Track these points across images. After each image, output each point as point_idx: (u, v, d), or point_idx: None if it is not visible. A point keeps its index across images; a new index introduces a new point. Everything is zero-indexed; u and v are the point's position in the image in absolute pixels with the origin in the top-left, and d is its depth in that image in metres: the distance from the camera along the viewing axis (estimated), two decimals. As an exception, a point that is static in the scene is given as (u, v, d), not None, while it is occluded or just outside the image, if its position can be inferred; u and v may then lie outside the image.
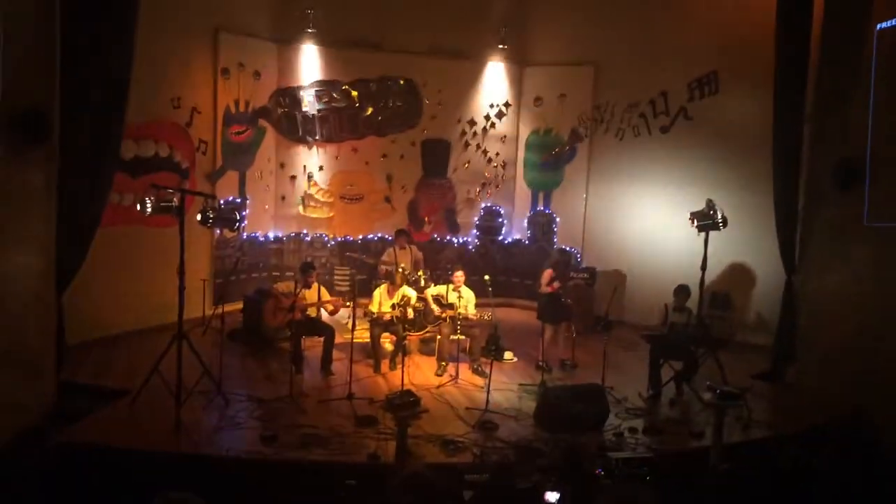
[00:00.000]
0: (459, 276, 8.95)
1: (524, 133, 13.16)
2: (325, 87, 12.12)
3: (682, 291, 8.43)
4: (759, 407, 7.60)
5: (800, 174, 9.05)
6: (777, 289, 9.43)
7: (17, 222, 5.98)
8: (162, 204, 6.82)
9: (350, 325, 8.09)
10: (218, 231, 10.64)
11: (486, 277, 8.84)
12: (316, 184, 12.33)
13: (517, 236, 13.23)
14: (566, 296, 9.50)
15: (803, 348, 9.01)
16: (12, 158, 5.72)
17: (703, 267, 8.56)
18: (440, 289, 9.12)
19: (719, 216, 8.50)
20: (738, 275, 10.84)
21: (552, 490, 3.99)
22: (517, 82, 13.03)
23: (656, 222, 11.63)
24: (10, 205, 5.82)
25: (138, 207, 6.76)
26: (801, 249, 9.14)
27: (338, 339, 8.62)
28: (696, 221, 8.66)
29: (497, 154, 13.12)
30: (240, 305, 10.09)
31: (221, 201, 10.44)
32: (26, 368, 6.15)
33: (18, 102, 5.68)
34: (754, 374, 9.05)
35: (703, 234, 8.58)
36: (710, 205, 8.61)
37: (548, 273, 9.26)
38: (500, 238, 13.12)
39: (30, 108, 5.80)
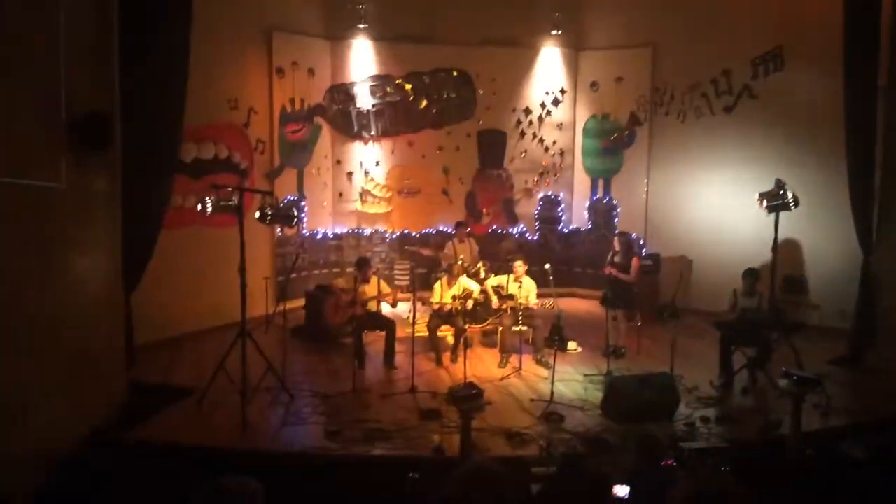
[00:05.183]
0: (519, 265, 8.80)
1: (581, 119, 12.94)
2: (379, 82, 12.14)
3: (750, 275, 8.12)
4: (837, 393, 7.26)
5: (875, 149, 8.62)
6: (854, 270, 8.99)
7: (84, 226, 6.10)
8: (222, 203, 6.88)
9: (411, 319, 8.07)
10: (278, 229, 10.76)
11: (547, 266, 8.70)
12: (373, 179, 12.35)
13: (576, 225, 13.02)
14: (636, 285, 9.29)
15: (883, 332, 8.59)
16: (78, 164, 5.81)
17: (775, 249, 8.28)
18: (500, 279, 9.01)
19: (790, 196, 8.17)
20: (812, 256, 10.42)
21: (622, 483, 3.84)
22: (573, 68, 12.81)
23: (722, 205, 11.30)
24: (78, 209, 5.92)
25: (199, 207, 6.82)
26: (879, 229, 8.71)
27: (399, 333, 8.61)
28: (765, 202, 8.34)
29: (554, 142, 12.93)
30: (301, 302, 10.18)
31: (284, 199, 10.54)
32: (97, 369, 6.27)
33: (81, 109, 5.77)
34: (831, 359, 8.68)
35: (772, 216, 8.27)
36: (780, 184, 8.29)
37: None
38: (560, 227, 12.93)
39: (93, 114, 5.88)
